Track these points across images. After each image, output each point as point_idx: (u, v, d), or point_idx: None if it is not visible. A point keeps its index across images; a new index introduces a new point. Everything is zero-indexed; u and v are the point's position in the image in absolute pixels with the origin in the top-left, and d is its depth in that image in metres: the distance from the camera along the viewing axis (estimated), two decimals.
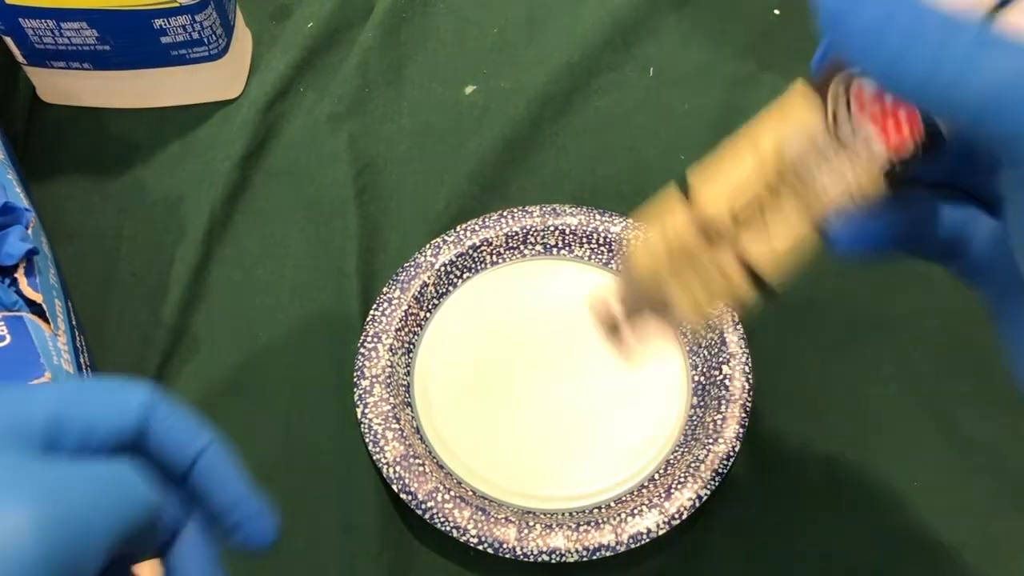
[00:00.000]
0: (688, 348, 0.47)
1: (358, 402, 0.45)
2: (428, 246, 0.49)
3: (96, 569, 0.26)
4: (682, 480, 0.43)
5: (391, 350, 0.47)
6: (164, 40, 0.51)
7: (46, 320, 0.41)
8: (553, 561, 0.42)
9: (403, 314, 0.48)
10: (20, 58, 0.53)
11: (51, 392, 0.29)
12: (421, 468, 0.44)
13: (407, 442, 0.44)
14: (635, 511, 0.43)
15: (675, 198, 0.28)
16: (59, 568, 0.24)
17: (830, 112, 0.27)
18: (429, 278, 0.49)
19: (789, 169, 0.27)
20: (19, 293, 0.41)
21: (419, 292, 0.48)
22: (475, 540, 0.42)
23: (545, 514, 0.43)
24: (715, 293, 0.28)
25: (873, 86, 0.25)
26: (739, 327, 0.47)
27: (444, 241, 0.49)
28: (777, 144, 0.27)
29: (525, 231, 0.50)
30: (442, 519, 0.42)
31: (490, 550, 0.42)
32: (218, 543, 0.31)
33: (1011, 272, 0.25)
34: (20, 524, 0.24)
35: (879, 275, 0.49)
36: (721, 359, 0.46)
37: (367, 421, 0.45)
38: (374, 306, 0.48)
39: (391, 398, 0.46)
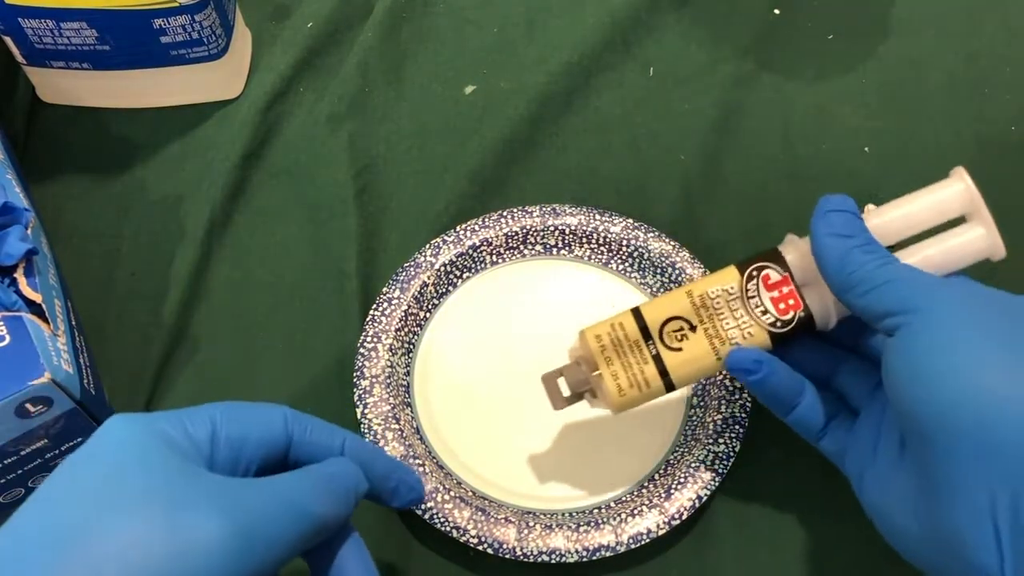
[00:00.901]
0: None
1: (358, 402, 0.45)
2: (428, 246, 0.49)
3: None
4: (682, 480, 0.43)
5: (391, 350, 0.47)
6: (164, 40, 0.51)
7: (45, 320, 0.41)
8: (553, 561, 0.42)
9: (403, 314, 0.48)
10: (20, 58, 0.53)
11: (207, 412, 0.32)
12: (421, 468, 0.44)
13: (407, 442, 0.44)
14: (635, 511, 0.43)
15: (627, 312, 0.41)
16: None
17: (746, 283, 0.40)
18: (429, 278, 0.49)
19: (707, 311, 0.40)
20: (18, 293, 0.41)
21: (419, 292, 0.48)
22: (475, 540, 0.42)
23: (545, 514, 0.43)
24: (632, 380, 0.40)
25: (777, 276, 0.40)
26: None
27: (444, 241, 0.49)
28: (704, 293, 0.40)
29: (525, 231, 0.50)
30: (442, 519, 0.42)
31: (490, 550, 0.42)
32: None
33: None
34: (211, 536, 0.27)
35: None
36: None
37: (367, 421, 0.45)
38: (374, 306, 0.48)
39: (391, 398, 0.46)
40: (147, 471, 0.28)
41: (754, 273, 0.40)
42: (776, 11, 0.58)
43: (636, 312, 0.41)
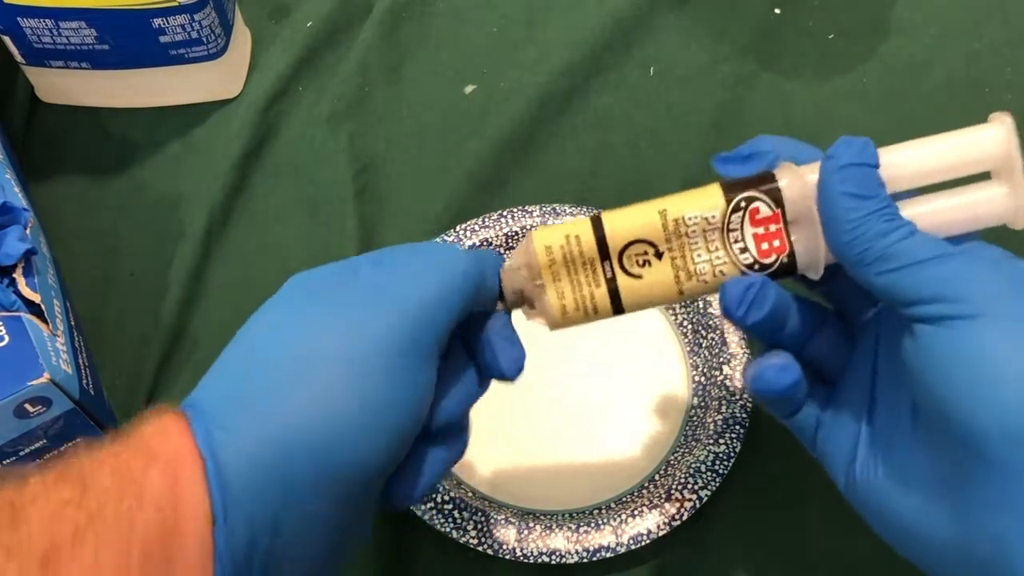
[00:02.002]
0: (688, 348, 0.47)
1: None
2: None
3: (478, 300, 0.34)
4: (682, 481, 0.43)
5: None
6: (163, 39, 0.51)
7: (44, 320, 0.41)
8: (553, 562, 0.42)
9: None
10: (19, 58, 0.53)
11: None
12: None
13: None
14: (635, 512, 0.43)
15: (586, 223, 0.35)
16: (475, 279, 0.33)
17: (729, 212, 0.34)
18: None
19: (679, 238, 0.34)
20: (17, 293, 0.41)
21: None
22: (475, 541, 0.42)
23: (545, 515, 0.43)
24: (579, 302, 0.35)
25: (767, 212, 0.34)
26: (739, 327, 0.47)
27: (444, 241, 0.49)
28: (679, 215, 0.34)
29: (525, 231, 0.50)
30: (442, 520, 0.42)
31: (490, 551, 0.42)
32: None
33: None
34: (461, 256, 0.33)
35: None
36: (721, 359, 0.46)
37: None
38: None
39: None
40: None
41: (742, 204, 0.34)
42: (777, 10, 0.58)
43: (596, 223, 0.35)
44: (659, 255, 0.34)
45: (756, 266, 0.34)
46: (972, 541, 0.30)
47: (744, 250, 0.34)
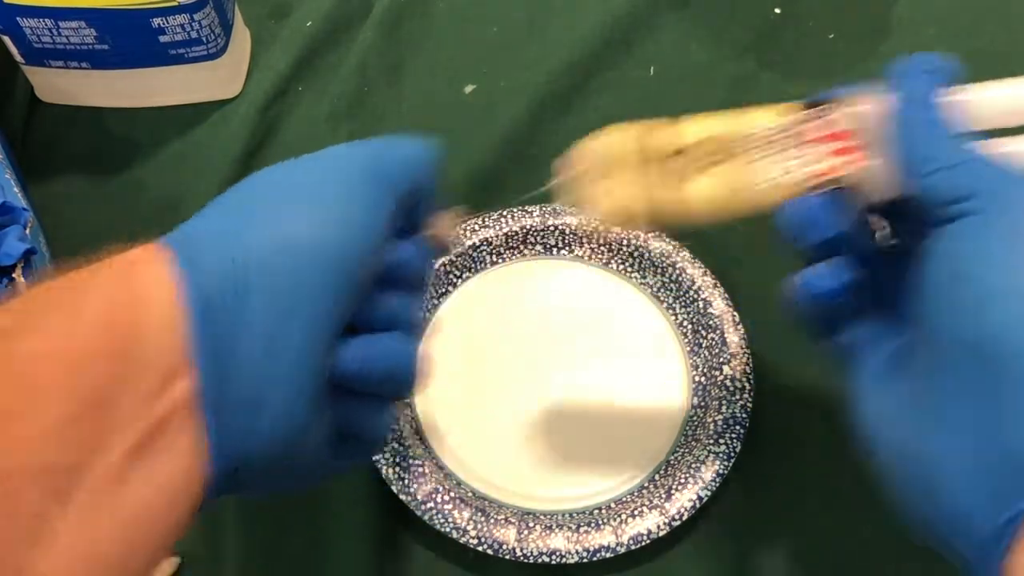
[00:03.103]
0: (688, 348, 0.47)
1: None
2: None
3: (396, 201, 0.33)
4: (682, 481, 0.43)
5: None
6: (162, 39, 0.51)
7: None
8: (553, 562, 0.42)
9: None
10: (18, 58, 0.53)
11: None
12: (421, 469, 0.44)
13: (407, 443, 0.44)
14: (635, 512, 0.43)
15: (656, 123, 0.35)
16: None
17: (804, 120, 0.34)
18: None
19: (747, 140, 0.34)
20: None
21: None
22: (475, 541, 0.42)
23: (545, 515, 0.43)
24: (646, 190, 0.35)
25: (840, 126, 0.33)
26: (739, 327, 0.47)
27: None
28: (751, 122, 0.34)
29: (525, 231, 0.50)
30: (442, 520, 0.42)
31: (490, 551, 0.42)
32: None
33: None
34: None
35: None
36: (721, 359, 0.46)
37: None
38: None
39: None
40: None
41: (819, 115, 0.34)
42: (777, 10, 0.58)
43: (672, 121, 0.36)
44: (732, 155, 0.34)
45: (826, 179, 0.33)
46: (991, 455, 0.29)
47: (813, 158, 0.33)
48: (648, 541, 0.42)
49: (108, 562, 0.26)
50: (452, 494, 0.43)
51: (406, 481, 0.43)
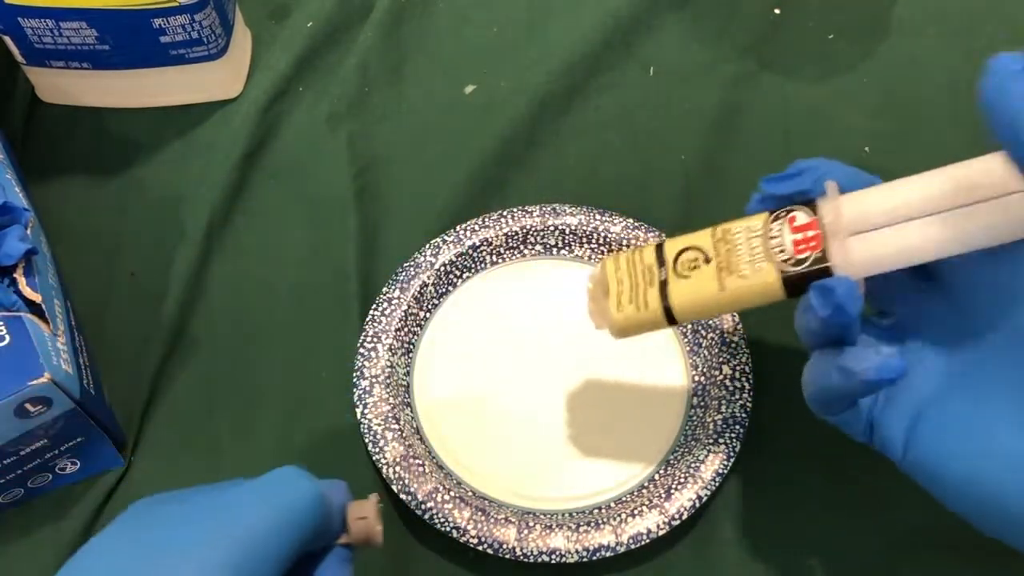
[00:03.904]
0: (688, 348, 0.47)
1: (358, 402, 0.45)
2: (428, 246, 0.49)
3: (320, 535, 0.33)
4: (682, 481, 0.43)
5: (391, 350, 0.47)
6: (163, 40, 0.51)
7: (45, 320, 0.41)
8: (553, 562, 0.42)
9: (403, 314, 0.48)
10: (19, 58, 0.53)
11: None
12: (421, 468, 0.44)
13: (407, 442, 0.44)
14: (635, 511, 0.43)
15: (652, 245, 0.40)
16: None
17: (771, 221, 0.37)
18: (429, 278, 0.49)
19: (726, 245, 0.38)
20: (18, 293, 0.41)
21: (419, 292, 0.48)
22: (475, 541, 0.42)
23: (545, 514, 0.43)
24: (633, 298, 0.39)
25: (804, 219, 0.37)
26: (739, 327, 0.47)
27: (444, 241, 0.49)
28: (727, 228, 0.38)
29: (525, 231, 0.50)
30: (442, 520, 0.42)
31: (490, 551, 0.42)
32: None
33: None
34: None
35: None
36: (721, 359, 0.46)
37: (367, 421, 0.45)
38: (374, 306, 0.48)
39: (391, 398, 0.46)
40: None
41: (782, 215, 0.37)
42: (777, 11, 0.58)
43: (659, 245, 0.40)
44: (708, 261, 0.38)
45: (791, 261, 0.36)
46: None
47: (782, 251, 0.37)
48: (648, 540, 0.42)
49: None
50: (452, 494, 0.43)
51: (406, 480, 0.43)
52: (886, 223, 0.36)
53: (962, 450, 0.34)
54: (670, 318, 0.39)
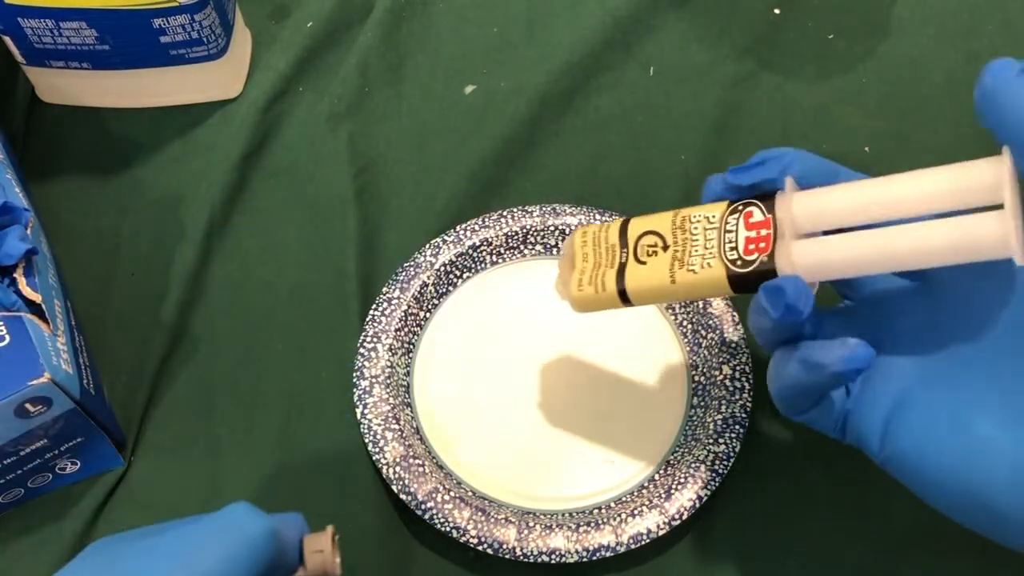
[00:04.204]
0: (688, 348, 0.47)
1: (357, 402, 0.45)
2: (428, 246, 0.49)
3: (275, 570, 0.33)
4: (682, 481, 0.43)
5: (391, 350, 0.47)
6: (163, 40, 0.51)
7: (45, 320, 0.41)
8: (553, 562, 0.42)
9: (403, 314, 0.48)
10: (19, 58, 0.53)
11: None
12: (421, 468, 0.44)
13: (407, 442, 0.44)
14: (635, 511, 0.43)
15: (618, 221, 0.40)
16: None
17: (728, 213, 0.37)
18: (429, 278, 0.49)
19: (684, 234, 0.38)
20: (18, 293, 0.41)
21: (419, 292, 0.48)
22: (475, 541, 0.42)
23: (545, 514, 0.43)
24: (592, 279, 0.40)
25: (760, 216, 0.36)
26: (739, 327, 0.47)
27: (444, 241, 0.49)
28: (687, 216, 0.38)
29: (525, 231, 0.50)
30: (442, 520, 0.42)
31: (490, 551, 0.42)
32: None
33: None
34: None
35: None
36: (721, 359, 0.46)
37: (367, 421, 0.45)
38: (374, 306, 0.48)
39: (391, 398, 0.46)
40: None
41: (739, 208, 0.37)
42: (776, 11, 0.58)
43: (624, 222, 0.40)
44: (666, 247, 0.38)
45: (739, 262, 0.36)
46: None
47: (733, 248, 0.36)
48: (648, 540, 0.42)
49: None
50: (452, 494, 0.43)
51: (406, 480, 0.43)
52: (843, 225, 0.35)
53: (942, 442, 0.34)
54: (625, 300, 0.39)
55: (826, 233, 0.36)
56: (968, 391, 0.34)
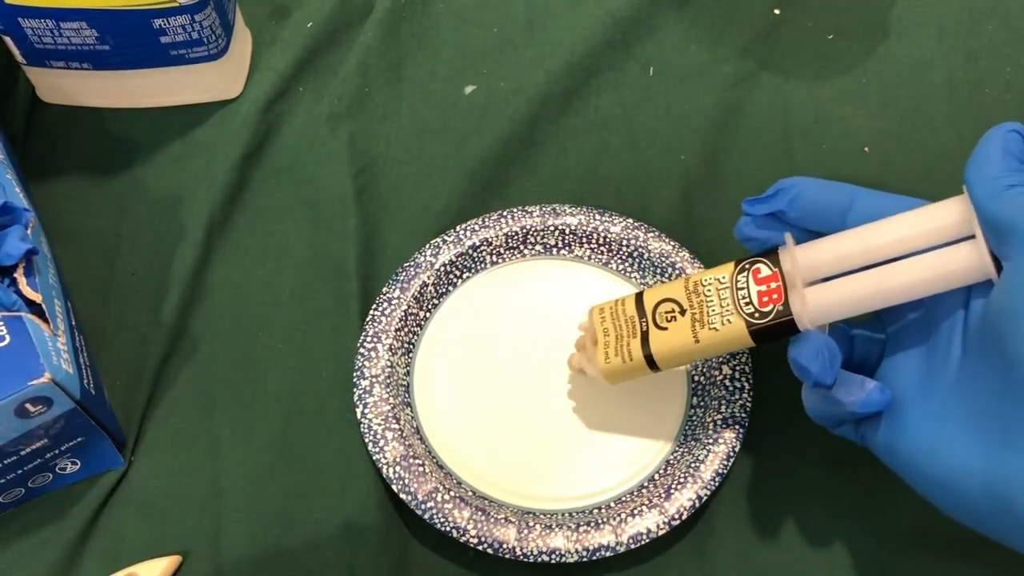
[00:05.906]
0: None
1: (358, 402, 0.45)
2: (428, 246, 0.49)
3: None
4: (682, 480, 0.43)
5: (391, 350, 0.47)
6: (163, 40, 0.51)
7: (45, 320, 0.41)
8: (553, 561, 0.42)
9: (403, 314, 0.48)
10: (19, 58, 0.53)
11: None
12: (421, 468, 0.44)
13: (407, 442, 0.44)
14: (635, 511, 0.43)
15: (632, 294, 0.43)
16: None
17: (736, 273, 0.41)
18: (429, 278, 0.49)
19: (698, 297, 0.41)
20: (18, 293, 0.41)
21: (419, 292, 0.48)
22: (475, 540, 0.42)
23: (545, 514, 0.43)
24: (618, 350, 0.42)
25: (767, 271, 0.40)
26: None
27: (444, 241, 0.49)
28: (698, 280, 0.42)
29: (525, 231, 0.50)
30: (442, 519, 0.42)
31: (490, 550, 0.42)
32: None
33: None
34: None
35: None
36: (721, 359, 0.46)
37: (367, 421, 0.45)
38: (374, 306, 0.48)
39: (391, 398, 0.46)
40: None
41: (747, 266, 0.40)
42: (776, 11, 0.58)
43: (639, 295, 0.43)
44: (683, 312, 0.41)
45: (756, 314, 0.40)
46: (995, 481, 0.33)
47: (749, 303, 0.40)
48: (648, 540, 0.42)
49: None
50: (452, 494, 0.43)
51: (406, 480, 0.43)
52: (836, 272, 0.39)
53: (928, 454, 0.36)
54: (652, 366, 0.42)
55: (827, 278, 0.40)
56: (950, 410, 0.36)
